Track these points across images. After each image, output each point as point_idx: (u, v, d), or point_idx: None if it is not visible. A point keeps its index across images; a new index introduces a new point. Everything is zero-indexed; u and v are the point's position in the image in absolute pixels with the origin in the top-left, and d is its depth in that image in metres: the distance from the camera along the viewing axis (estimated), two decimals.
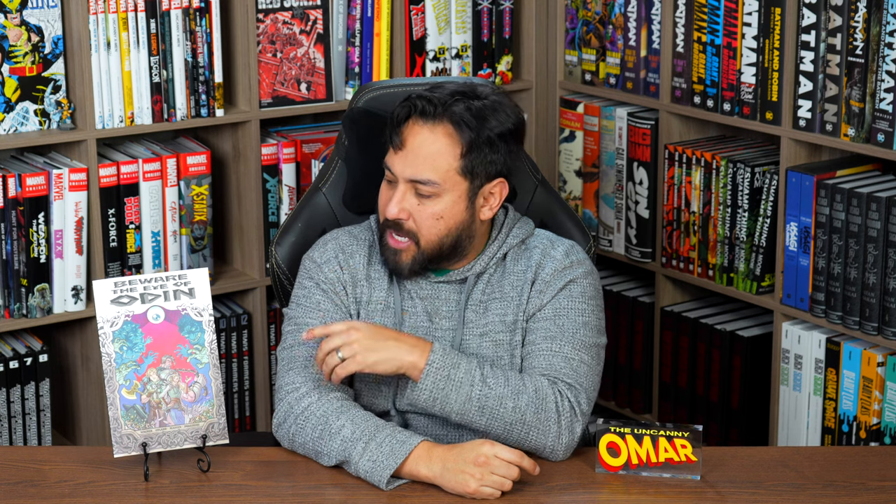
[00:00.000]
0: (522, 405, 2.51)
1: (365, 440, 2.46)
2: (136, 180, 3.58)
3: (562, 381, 2.57)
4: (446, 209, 2.59)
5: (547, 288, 2.65)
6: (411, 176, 2.57)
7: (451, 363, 2.51)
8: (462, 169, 2.58)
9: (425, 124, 2.57)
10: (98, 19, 3.46)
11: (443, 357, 2.50)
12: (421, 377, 2.49)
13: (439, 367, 2.50)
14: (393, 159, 2.60)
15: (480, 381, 2.51)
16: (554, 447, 2.53)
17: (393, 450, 2.44)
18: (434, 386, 2.49)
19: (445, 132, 2.57)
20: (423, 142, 2.57)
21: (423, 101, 2.57)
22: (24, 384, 3.55)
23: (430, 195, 2.58)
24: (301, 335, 2.63)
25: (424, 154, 2.57)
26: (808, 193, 3.37)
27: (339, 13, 3.79)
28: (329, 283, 2.68)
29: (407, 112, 2.58)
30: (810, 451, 2.70)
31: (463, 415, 2.51)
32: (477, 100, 2.59)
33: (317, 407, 2.53)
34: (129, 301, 2.48)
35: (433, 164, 2.57)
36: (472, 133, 2.56)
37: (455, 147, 2.57)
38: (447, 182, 2.58)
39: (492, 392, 2.51)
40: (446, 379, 2.49)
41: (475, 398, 2.50)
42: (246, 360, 3.82)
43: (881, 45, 3.19)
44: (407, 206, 2.59)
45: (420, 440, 2.45)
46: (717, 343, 3.69)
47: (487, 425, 2.52)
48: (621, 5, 3.83)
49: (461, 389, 2.50)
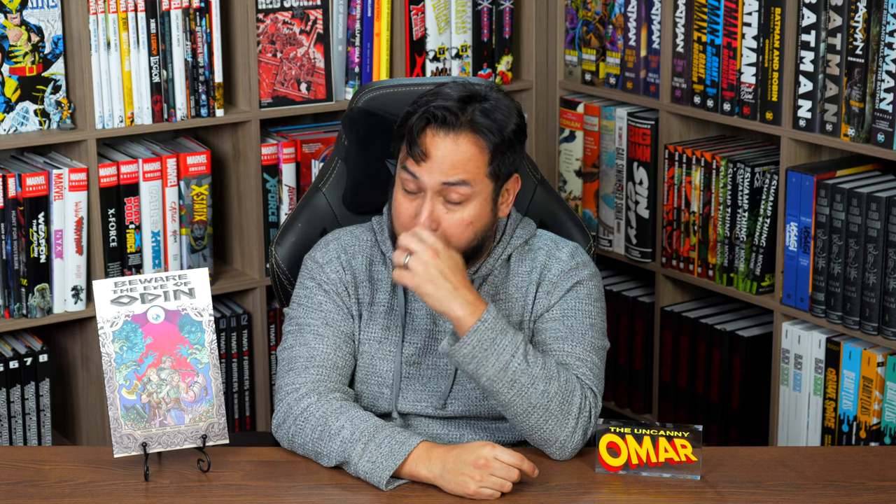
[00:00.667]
0: (552, 391, 2.51)
1: (364, 441, 2.46)
2: (136, 180, 3.58)
3: (583, 381, 2.57)
4: (475, 214, 2.58)
5: (554, 289, 2.65)
6: (443, 180, 2.55)
7: (501, 328, 2.50)
8: (490, 173, 2.58)
9: (447, 135, 2.55)
10: (98, 19, 3.46)
11: (495, 319, 2.50)
12: (469, 332, 2.48)
13: (489, 328, 2.49)
14: (417, 169, 2.56)
15: (522, 355, 2.50)
16: (565, 443, 2.53)
17: (392, 451, 2.44)
18: (478, 344, 2.48)
19: (469, 140, 2.55)
20: (449, 151, 2.55)
21: (442, 112, 2.54)
22: (24, 384, 3.55)
23: (459, 201, 2.57)
24: (301, 336, 2.63)
25: (452, 161, 2.55)
26: (808, 193, 3.37)
27: (339, 13, 3.79)
28: (331, 283, 2.68)
29: (424, 123, 2.56)
30: (810, 451, 2.70)
31: (493, 382, 2.50)
32: (484, 101, 2.59)
33: (316, 408, 2.53)
34: (129, 301, 2.48)
35: (464, 168, 2.55)
36: (495, 138, 2.57)
37: (483, 153, 2.56)
38: (478, 185, 2.57)
39: (528, 370, 2.50)
40: (491, 341, 2.49)
41: (511, 370, 2.49)
42: (246, 360, 3.82)
43: (881, 45, 3.19)
44: (437, 214, 2.58)
45: (419, 441, 2.45)
46: (717, 343, 3.69)
47: (511, 401, 2.51)
48: (621, 5, 3.83)
49: (501, 357, 2.49)
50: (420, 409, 2.66)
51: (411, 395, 2.66)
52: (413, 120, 2.57)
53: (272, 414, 2.61)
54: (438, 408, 2.65)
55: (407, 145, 2.58)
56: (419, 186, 2.57)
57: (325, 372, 2.60)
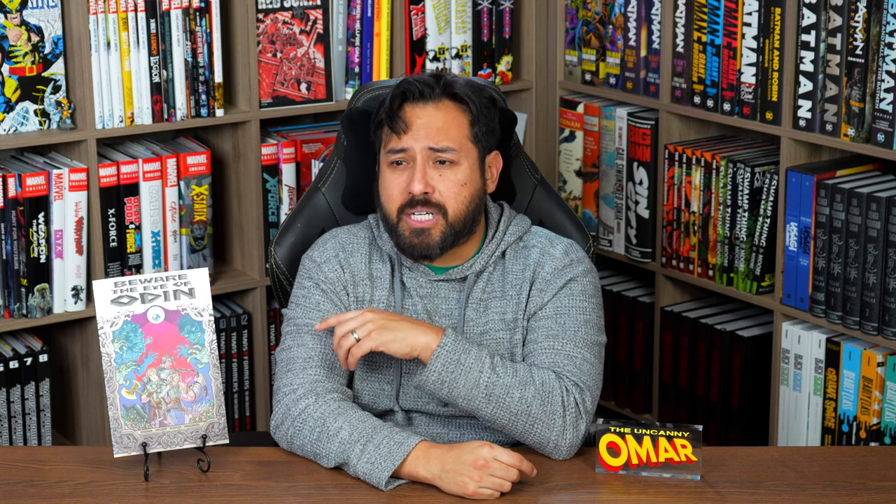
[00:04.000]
0: (529, 396, 2.52)
1: (363, 442, 2.46)
2: (136, 180, 3.58)
3: (567, 378, 2.57)
4: (468, 175, 2.62)
5: (548, 286, 2.65)
6: (429, 144, 2.59)
7: (463, 348, 2.52)
8: (473, 137, 2.64)
9: (426, 104, 2.62)
10: (98, 19, 3.46)
11: (455, 341, 2.51)
12: (431, 358, 2.50)
13: (451, 350, 2.50)
14: (401, 140, 2.60)
15: (490, 368, 2.51)
16: (558, 443, 2.53)
17: (391, 451, 2.44)
18: (444, 368, 2.50)
19: (448, 106, 2.63)
20: (431, 117, 2.61)
21: (418, 85, 2.61)
22: (24, 384, 3.55)
23: (450, 162, 2.60)
24: (299, 337, 2.63)
25: (437, 126, 2.60)
26: (808, 193, 3.37)
27: (339, 13, 3.79)
28: (329, 282, 2.68)
29: (402, 100, 2.62)
30: (810, 451, 2.70)
31: (470, 400, 2.52)
32: (455, 78, 2.67)
33: (314, 409, 2.53)
34: (129, 301, 2.48)
35: (447, 133, 2.60)
36: (472, 101, 2.64)
37: (463, 117, 2.63)
38: (463, 148, 2.62)
39: (500, 380, 2.51)
40: (456, 363, 2.50)
41: (483, 385, 2.51)
42: (246, 360, 3.82)
43: (881, 45, 3.19)
44: (430, 179, 2.59)
45: (418, 441, 2.45)
46: (717, 343, 3.69)
47: (493, 414, 2.52)
48: (621, 5, 3.83)
49: (470, 375, 2.50)
50: (421, 406, 2.66)
51: (412, 392, 2.65)
52: (390, 99, 2.62)
53: (271, 415, 2.61)
54: (439, 405, 2.65)
55: (388, 123, 2.62)
56: (406, 156, 2.60)
57: (324, 372, 2.60)
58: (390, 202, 2.63)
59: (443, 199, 2.59)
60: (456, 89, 2.64)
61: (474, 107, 2.64)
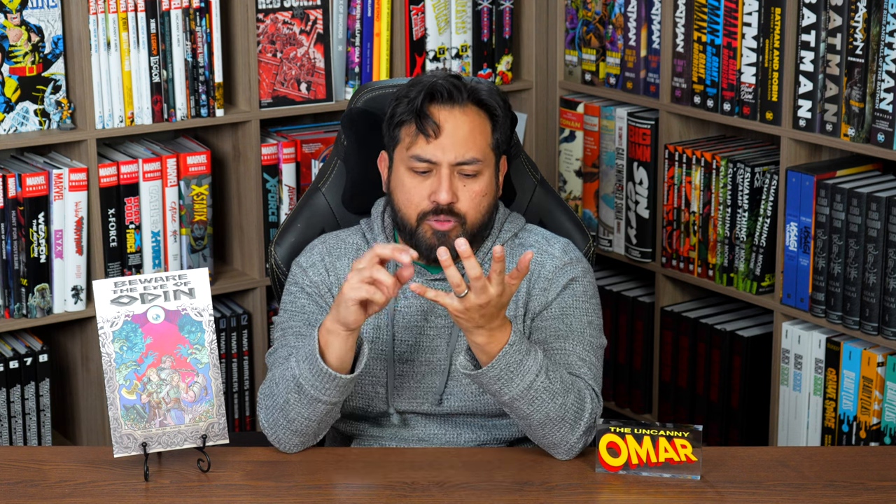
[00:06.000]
0: (569, 404, 2.49)
1: (296, 358, 2.49)
2: (136, 180, 3.58)
3: (585, 382, 2.57)
4: (488, 185, 2.62)
5: (550, 286, 2.65)
6: (457, 159, 2.57)
7: (526, 349, 2.47)
8: (493, 144, 2.63)
9: (454, 108, 2.59)
10: (98, 19, 3.46)
11: (520, 341, 2.46)
12: (498, 356, 2.43)
13: (516, 350, 2.44)
14: (428, 148, 2.58)
15: (545, 373, 2.48)
16: (573, 446, 2.51)
17: (311, 349, 2.47)
18: (506, 367, 2.44)
19: (474, 111, 2.61)
20: (459, 124, 2.59)
21: (446, 85, 2.59)
22: (24, 384, 3.55)
23: (473, 174, 2.59)
24: (284, 339, 2.64)
25: (463, 135, 2.58)
26: (808, 193, 3.37)
27: (339, 13, 3.79)
28: (314, 286, 2.68)
29: (429, 100, 2.59)
30: (810, 451, 2.70)
31: (515, 400, 2.47)
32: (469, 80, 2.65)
33: (275, 375, 2.56)
34: (129, 301, 2.48)
35: (474, 142, 2.59)
36: (496, 110, 2.63)
37: (486, 124, 2.62)
38: (486, 158, 2.61)
39: (550, 386, 2.48)
40: (518, 364, 2.45)
41: (534, 388, 2.46)
42: (246, 360, 3.82)
43: (881, 45, 3.19)
44: (455, 189, 2.59)
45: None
46: (717, 343, 3.69)
47: (529, 415, 2.49)
48: (621, 5, 3.83)
49: (526, 377, 2.46)
50: (416, 407, 2.65)
51: (406, 393, 2.65)
52: (416, 96, 2.59)
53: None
54: (434, 404, 2.65)
55: (416, 124, 2.58)
56: (431, 165, 2.58)
57: None
58: (410, 206, 2.61)
59: (464, 209, 2.59)
60: (482, 95, 2.62)
61: (497, 113, 2.63)
